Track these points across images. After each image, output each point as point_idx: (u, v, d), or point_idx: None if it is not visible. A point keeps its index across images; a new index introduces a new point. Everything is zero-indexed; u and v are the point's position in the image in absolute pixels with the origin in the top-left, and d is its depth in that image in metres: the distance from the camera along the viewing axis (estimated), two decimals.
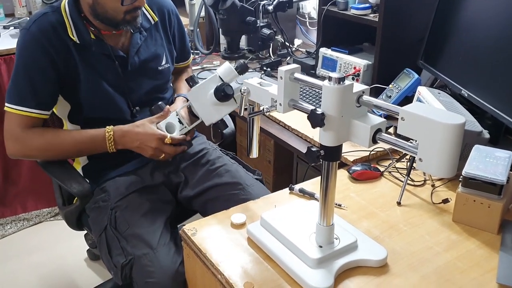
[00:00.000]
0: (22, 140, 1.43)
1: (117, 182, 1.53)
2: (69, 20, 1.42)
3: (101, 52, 1.47)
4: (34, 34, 1.38)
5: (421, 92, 1.49)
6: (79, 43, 1.43)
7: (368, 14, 1.90)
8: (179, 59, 1.77)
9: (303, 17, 2.63)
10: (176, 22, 1.68)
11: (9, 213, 2.53)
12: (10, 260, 2.31)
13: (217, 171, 1.60)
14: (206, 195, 1.56)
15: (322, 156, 0.95)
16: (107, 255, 1.40)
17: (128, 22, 1.44)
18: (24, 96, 1.41)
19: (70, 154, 1.54)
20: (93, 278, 2.18)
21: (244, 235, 1.14)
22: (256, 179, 1.60)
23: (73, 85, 1.45)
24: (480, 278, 1.01)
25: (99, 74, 1.48)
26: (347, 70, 1.95)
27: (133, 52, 1.53)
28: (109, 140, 1.44)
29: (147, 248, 1.34)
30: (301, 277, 0.98)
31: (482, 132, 1.29)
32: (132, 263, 1.33)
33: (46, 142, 1.45)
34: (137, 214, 1.43)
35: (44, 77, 1.40)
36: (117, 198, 1.47)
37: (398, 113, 0.85)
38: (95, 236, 1.48)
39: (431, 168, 0.82)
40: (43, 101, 1.43)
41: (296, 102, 1.00)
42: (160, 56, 1.61)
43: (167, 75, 1.66)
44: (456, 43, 1.61)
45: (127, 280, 1.35)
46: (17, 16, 2.79)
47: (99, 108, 1.51)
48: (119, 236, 1.39)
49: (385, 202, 1.27)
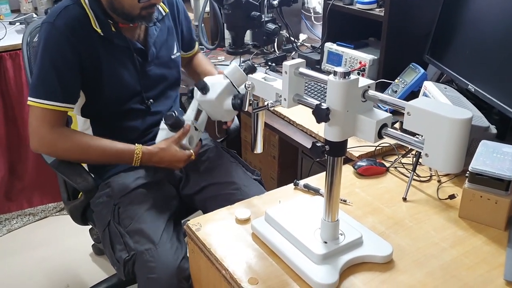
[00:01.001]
0: (49, 141, 1.42)
1: (121, 177, 1.53)
2: (91, 12, 1.44)
3: (122, 44, 1.49)
4: (59, 27, 1.39)
5: (427, 87, 1.48)
6: (103, 35, 1.45)
7: (374, 9, 1.88)
8: (187, 47, 1.79)
9: (308, 11, 2.61)
10: (182, 12, 1.71)
11: (15, 208, 2.54)
12: (16, 255, 2.32)
13: (215, 170, 1.60)
14: (205, 193, 1.57)
15: (327, 152, 0.94)
16: (111, 251, 1.40)
17: (143, 17, 1.46)
18: (52, 90, 1.39)
19: (93, 161, 1.54)
20: (98, 272, 2.19)
21: (248, 230, 1.14)
22: (255, 179, 1.59)
23: (95, 78, 1.46)
24: (487, 275, 1.00)
25: (120, 66, 1.50)
26: (352, 65, 1.94)
27: (151, 43, 1.56)
28: (136, 160, 1.46)
29: (149, 243, 1.34)
30: (305, 273, 0.98)
31: (489, 127, 1.28)
32: (134, 259, 1.33)
33: (73, 145, 1.44)
34: (140, 210, 1.43)
35: (71, 70, 1.41)
36: (120, 193, 1.48)
37: (404, 108, 0.84)
38: (100, 231, 1.49)
39: (437, 164, 0.82)
40: (71, 94, 1.44)
41: (301, 97, 1.00)
42: (172, 46, 1.65)
43: (178, 63, 1.69)
44: (462, 37, 1.60)
45: (130, 275, 1.36)
46: (22, 12, 2.79)
47: (116, 101, 1.52)
48: (122, 231, 1.39)
49: (391, 198, 1.26)
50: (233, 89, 1.45)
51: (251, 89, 1.09)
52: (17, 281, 2.17)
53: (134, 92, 1.54)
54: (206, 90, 1.44)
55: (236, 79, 1.42)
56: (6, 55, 2.26)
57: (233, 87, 1.44)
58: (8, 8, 2.74)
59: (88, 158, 1.51)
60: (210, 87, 1.46)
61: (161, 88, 1.62)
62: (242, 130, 2.47)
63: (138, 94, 1.55)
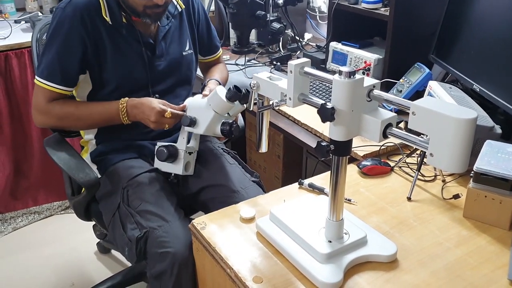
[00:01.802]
0: (45, 112, 1.51)
1: (126, 163, 1.56)
2: (104, 1, 1.48)
3: (131, 36, 1.52)
4: (68, 13, 1.44)
5: (432, 87, 1.48)
6: (111, 24, 1.48)
7: (379, 8, 1.88)
8: (207, 51, 1.79)
9: (313, 11, 2.61)
10: (199, 12, 1.71)
11: (20, 206, 2.55)
12: (21, 253, 2.33)
13: (212, 172, 1.59)
14: (202, 195, 1.57)
15: (332, 151, 0.94)
16: (121, 231, 1.41)
17: (148, 15, 1.48)
18: (51, 72, 1.47)
19: (86, 124, 1.57)
20: (102, 271, 2.19)
21: (253, 229, 1.14)
22: (253, 181, 1.58)
23: (98, 65, 1.50)
24: (491, 274, 1.00)
25: (127, 57, 1.52)
26: (357, 65, 1.94)
27: (160, 37, 1.57)
28: (122, 111, 1.48)
29: (161, 220, 1.36)
30: (310, 272, 0.98)
31: (494, 127, 1.28)
32: (147, 236, 1.34)
33: (65, 111, 1.51)
34: (149, 191, 1.46)
35: (72, 55, 1.46)
36: (128, 177, 1.50)
37: (409, 108, 0.84)
38: (107, 219, 1.50)
39: (442, 163, 0.82)
40: (68, 78, 1.49)
41: (306, 97, 1.00)
42: (184, 43, 1.65)
43: (190, 61, 1.68)
44: (468, 37, 1.60)
45: (142, 255, 1.36)
46: (28, 10, 2.80)
47: (120, 91, 1.53)
48: (132, 212, 1.41)
49: (395, 198, 1.26)
50: (220, 117, 1.45)
51: (256, 88, 1.09)
52: (22, 279, 2.18)
53: (141, 85, 1.56)
54: (193, 124, 1.46)
55: (220, 109, 1.43)
56: (11, 53, 2.27)
57: (219, 115, 1.44)
58: (13, 7, 2.75)
59: (81, 121, 1.53)
60: (196, 120, 1.46)
61: (170, 84, 1.63)
62: (247, 129, 2.47)
63: (144, 87, 1.57)
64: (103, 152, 1.60)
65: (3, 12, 2.70)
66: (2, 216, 2.50)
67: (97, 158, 1.60)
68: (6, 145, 2.41)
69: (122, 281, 1.96)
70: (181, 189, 1.61)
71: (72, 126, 1.62)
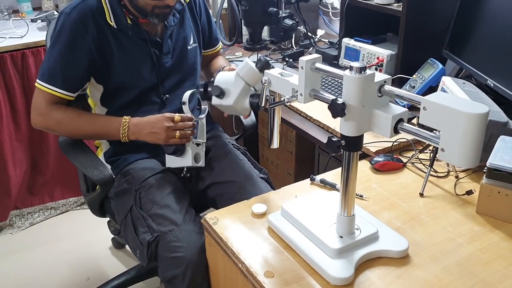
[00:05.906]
0: (45, 113, 1.51)
1: (139, 164, 1.57)
2: (108, 6, 1.48)
3: (137, 37, 1.52)
4: (73, 19, 1.45)
5: (446, 82, 1.47)
6: (116, 27, 1.49)
7: (392, 4, 1.87)
8: (207, 44, 1.79)
9: (326, 7, 2.60)
10: (201, 3, 1.72)
11: (37, 202, 2.59)
12: (38, 247, 2.37)
13: (221, 168, 1.60)
14: (211, 191, 1.59)
15: (343, 146, 0.94)
16: (133, 234, 1.42)
17: (156, 15, 1.48)
18: (53, 76, 1.48)
19: (85, 133, 1.56)
20: (117, 265, 2.22)
21: (265, 224, 1.15)
22: (261, 177, 1.58)
23: (106, 69, 1.51)
24: (504, 271, 1.00)
25: (135, 58, 1.53)
26: (370, 61, 1.93)
27: (167, 35, 1.58)
28: (123, 127, 1.48)
29: (172, 225, 1.37)
30: (321, 267, 0.98)
31: (508, 122, 1.26)
32: (158, 240, 1.36)
33: (65, 117, 1.51)
34: (161, 194, 1.46)
35: (75, 61, 1.47)
36: (140, 179, 1.51)
37: (419, 103, 0.84)
38: (119, 219, 1.51)
39: (453, 158, 0.81)
40: (70, 84, 1.50)
41: (317, 92, 1.00)
42: (188, 36, 1.66)
43: (195, 54, 1.69)
44: (481, 32, 1.58)
45: (153, 258, 1.38)
46: (44, 9, 2.83)
47: (131, 92, 1.55)
48: (144, 215, 1.42)
49: (408, 193, 1.26)
50: (249, 88, 1.43)
51: (268, 84, 1.09)
52: (38, 273, 2.22)
53: (150, 85, 1.57)
54: (222, 95, 1.42)
55: (250, 79, 1.38)
56: (28, 52, 2.30)
57: (249, 86, 1.41)
58: (29, 6, 2.79)
59: (80, 130, 1.53)
60: (225, 91, 1.42)
61: (176, 79, 1.64)
62: (259, 126, 2.48)
63: (154, 86, 1.58)
64: (117, 152, 1.61)
65: (20, 11, 2.74)
66: (19, 212, 2.55)
67: (111, 158, 1.62)
68: (23, 141, 2.45)
69: (137, 276, 1.98)
70: (193, 185, 1.62)
71: (69, 133, 1.57)
